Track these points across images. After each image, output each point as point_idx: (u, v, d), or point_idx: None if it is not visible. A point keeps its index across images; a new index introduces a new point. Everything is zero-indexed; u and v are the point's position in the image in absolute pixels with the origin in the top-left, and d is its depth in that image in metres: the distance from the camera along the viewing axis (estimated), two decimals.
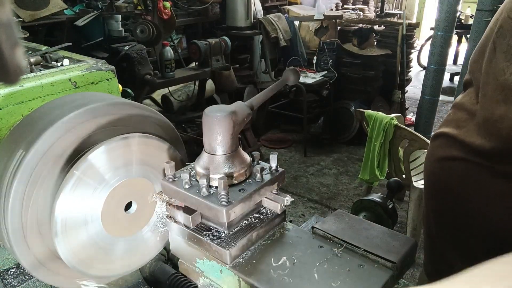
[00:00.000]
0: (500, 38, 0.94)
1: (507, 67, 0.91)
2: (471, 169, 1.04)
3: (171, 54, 4.05)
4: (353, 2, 8.49)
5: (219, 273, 0.83)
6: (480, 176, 1.03)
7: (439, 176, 1.15)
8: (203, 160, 0.83)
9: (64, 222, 0.82)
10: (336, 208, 4.17)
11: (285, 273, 0.78)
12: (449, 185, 1.12)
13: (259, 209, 0.90)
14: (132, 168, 0.91)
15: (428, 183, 1.21)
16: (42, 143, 0.83)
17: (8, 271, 1.22)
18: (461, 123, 1.09)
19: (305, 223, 1.22)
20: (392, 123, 3.15)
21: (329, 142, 5.58)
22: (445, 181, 1.13)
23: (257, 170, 0.84)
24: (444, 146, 1.13)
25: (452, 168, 1.10)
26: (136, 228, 0.95)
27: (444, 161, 1.13)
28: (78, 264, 0.87)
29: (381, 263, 0.81)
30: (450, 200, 1.13)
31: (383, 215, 1.25)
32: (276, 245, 0.86)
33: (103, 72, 1.31)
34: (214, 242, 0.80)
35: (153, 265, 1.47)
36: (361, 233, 0.89)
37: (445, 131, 1.13)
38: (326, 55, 5.44)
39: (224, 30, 5.64)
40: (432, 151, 1.19)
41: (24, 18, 3.68)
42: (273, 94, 0.94)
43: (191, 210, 0.83)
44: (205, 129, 0.81)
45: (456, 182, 1.09)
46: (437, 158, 1.16)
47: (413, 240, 0.88)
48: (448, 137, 1.12)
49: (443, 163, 1.13)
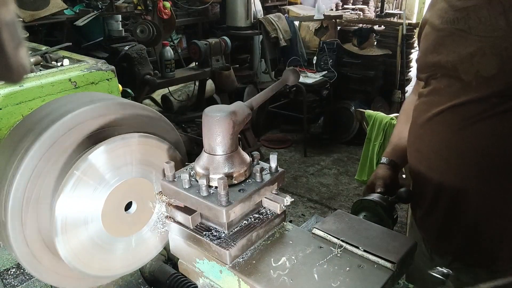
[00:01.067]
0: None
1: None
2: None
3: (171, 54, 4.05)
4: (353, 2, 8.49)
5: (219, 273, 0.83)
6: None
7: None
8: (203, 160, 0.83)
9: (64, 222, 0.82)
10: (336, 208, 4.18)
11: (284, 273, 0.78)
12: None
13: (259, 209, 0.90)
14: (132, 168, 0.91)
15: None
16: (43, 142, 0.83)
17: (8, 271, 1.22)
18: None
19: (305, 223, 1.22)
20: (392, 123, 3.15)
21: (329, 142, 5.59)
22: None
23: (257, 170, 0.83)
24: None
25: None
26: (136, 228, 0.95)
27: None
28: (78, 264, 0.87)
29: (381, 263, 0.81)
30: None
31: (383, 215, 1.25)
32: (276, 245, 0.86)
33: (103, 72, 1.31)
34: (213, 242, 0.80)
35: (153, 265, 1.47)
36: (361, 233, 0.89)
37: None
38: (326, 55, 5.44)
39: (224, 30, 5.64)
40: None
41: (24, 18, 3.68)
42: (273, 94, 0.94)
43: (191, 210, 0.82)
44: (204, 129, 0.81)
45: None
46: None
47: (413, 240, 0.88)
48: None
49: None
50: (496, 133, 1.05)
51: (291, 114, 5.42)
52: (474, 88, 1.05)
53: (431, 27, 1.18)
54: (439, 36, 1.14)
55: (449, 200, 1.18)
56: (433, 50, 1.16)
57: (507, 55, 0.99)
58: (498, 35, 1.00)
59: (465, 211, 1.16)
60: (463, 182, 1.13)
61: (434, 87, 1.17)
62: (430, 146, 1.19)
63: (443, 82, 1.14)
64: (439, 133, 1.16)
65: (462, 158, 1.12)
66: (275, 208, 0.88)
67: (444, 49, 1.12)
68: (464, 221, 1.17)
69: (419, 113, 1.23)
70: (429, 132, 1.19)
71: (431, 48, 1.17)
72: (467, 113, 1.08)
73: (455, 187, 1.15)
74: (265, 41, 5.57)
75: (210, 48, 4.34)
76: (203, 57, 4.34)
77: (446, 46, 1.11)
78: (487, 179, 1.10)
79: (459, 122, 1.10)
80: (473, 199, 1.13)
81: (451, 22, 1.10)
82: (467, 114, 1.08)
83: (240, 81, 5.24)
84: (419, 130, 1.24)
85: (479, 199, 1.12)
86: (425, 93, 1.22)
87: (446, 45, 1.11)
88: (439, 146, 1.16)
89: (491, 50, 1.01)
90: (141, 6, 4.49)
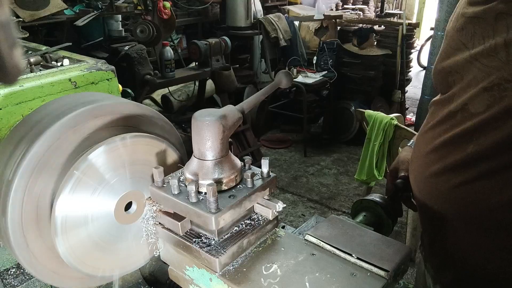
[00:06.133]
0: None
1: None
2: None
3: (171, 54, 4.03)
4: (353, 2, 8.47)
5: (209, 281, 0.81)
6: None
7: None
8: (192, 165, 0.81)
9: (64, 222, 0.82)
10: (336, 208, 4.19)
11: (276, 281, 0.76)
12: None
13: (251, 215, 0.88)
14: (132, 168, 0.91)
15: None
16: (42, 142, 0.82)
17: (8, 271, 1.22)
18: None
19: (305, 223, 1.20)
20: (392, 123, 3.13)
21: (329, 142, 5.57)
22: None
23: (248, 176, 0.82)
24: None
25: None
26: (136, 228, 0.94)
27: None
28: (78, 264, 0.86)
29: (374, 272, 0.79)
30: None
31: (383, 215, 1.23)
32: (267, 253, 0.84)
33: (103, 72, 1.30)
34: (203, 249, 0.79)
35: (153, 265, 1.46)
36: (354, 240, 0.87)
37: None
38: (326, 55, 5.42)
39: (224, 30, 5.62)
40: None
41: (24, 18, 3.67)
42: (273, 94, 0.93)
43: (180, 216, 0.81)
44: (194, 133, 0.80)
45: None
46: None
47: (408, 247, 0.86)
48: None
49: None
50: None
51: (291, 114, 5.40)
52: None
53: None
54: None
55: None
56: None
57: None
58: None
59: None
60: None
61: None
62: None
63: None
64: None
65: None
66: (267, 214, 0.86)
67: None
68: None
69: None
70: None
71: None
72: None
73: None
74: (265, 41, 5.55)
75: (210, 48, 4.32)
76: (203, 57, 4.32)
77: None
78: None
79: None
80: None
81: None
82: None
83: (240, 81, 5.23)
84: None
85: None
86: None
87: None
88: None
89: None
90: (141, 6, 4.48)
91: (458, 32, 0.95)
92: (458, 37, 0.95)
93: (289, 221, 3.89)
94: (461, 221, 0.97)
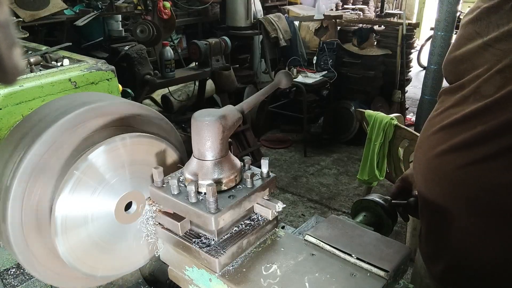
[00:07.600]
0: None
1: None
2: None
3: (171, 54, 4.03)
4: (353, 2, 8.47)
5: (209, 282, 0.81)
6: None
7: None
8: (192, 165, 0.81)
9: (64, 222, 0.82)
10: (336, 208, 4.18)
11: (275, 281, 0.76)
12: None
13: (250, 215, 0.88)
14: (132, 168, 0.91)
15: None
16: (42, 142, 0.82)
17: (8, 271, 1.21)
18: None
19: (305, 223, 1.20)
20: (392, 123, 3.13)
21: (329, 142, 5.57)
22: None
23: (248, 176, 0.82)
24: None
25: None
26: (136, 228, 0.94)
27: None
28: (78, 263, 0.86)
29: (374, 272, 0.79)
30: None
31: (383, 215, 1.23)
32: (267, 253, 0.84)
33: (103, 72, 1.30)
34: (203, 250, 0.78)
35: (153, 265, 1.46)
36: (354, 240, 0.87)
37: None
38: (326, 55, 5.42)
39: (224, 30, 5.63)
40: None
41: (24, 18, 3.67)
42: (273, 94, 0.93)
43: (180, 216, 0.81)
44: (193, 134, 0.80)
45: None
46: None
47: (408, 247, 0.86)
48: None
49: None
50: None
51: (291, 114, 5.40)
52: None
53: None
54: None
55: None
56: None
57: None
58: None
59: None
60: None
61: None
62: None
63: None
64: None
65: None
66: (266, 214, 0.86)
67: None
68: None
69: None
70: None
71: None
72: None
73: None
74: (265, 41, 5.55)
75: (210, 48, 4.32)
76: (203, 57, 4.32)
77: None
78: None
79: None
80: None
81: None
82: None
83: (240, 81, 5.23)
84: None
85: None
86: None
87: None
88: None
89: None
90: (141, 6, 4.48)
91: (473, 23, 0.98)
92: (472, 27, 0.98)
93: (289, 221, 3.89)
94: (461, 204, 0.99)
